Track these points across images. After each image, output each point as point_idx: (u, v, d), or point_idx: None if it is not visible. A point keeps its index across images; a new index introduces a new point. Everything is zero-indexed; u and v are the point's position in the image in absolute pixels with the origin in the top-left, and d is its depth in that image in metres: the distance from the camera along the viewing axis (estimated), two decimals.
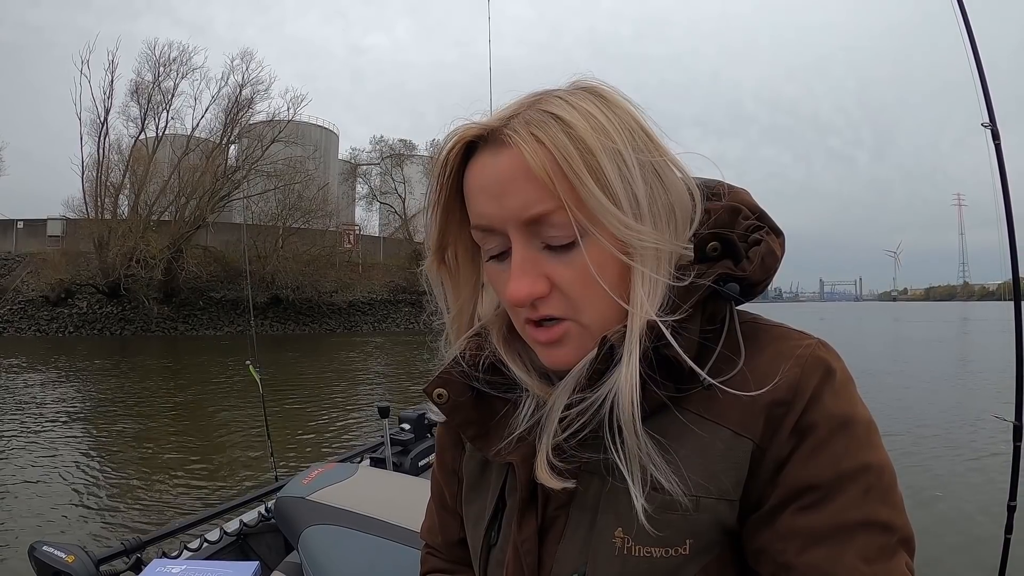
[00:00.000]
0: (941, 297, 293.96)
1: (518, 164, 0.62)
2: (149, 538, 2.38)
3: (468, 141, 0.66)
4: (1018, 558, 2.40)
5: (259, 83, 37.56)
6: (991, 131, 2.26)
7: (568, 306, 0.66)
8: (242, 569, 1.41)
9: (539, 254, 0.65)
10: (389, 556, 1.91)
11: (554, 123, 0.62)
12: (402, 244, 44.68)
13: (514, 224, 0.64)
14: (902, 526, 0.60)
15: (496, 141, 0.64)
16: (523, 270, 0.65)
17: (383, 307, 40.53)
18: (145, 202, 34.18)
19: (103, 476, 7.40)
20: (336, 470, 2.42)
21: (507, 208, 0.64)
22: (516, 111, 0.65)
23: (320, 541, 2.03)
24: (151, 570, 1.44)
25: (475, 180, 0.66)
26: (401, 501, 2.17)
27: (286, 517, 2.23)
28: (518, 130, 0.62)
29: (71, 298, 32.00)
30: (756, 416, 0.61)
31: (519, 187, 0.63)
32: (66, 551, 1.99)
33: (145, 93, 35.72)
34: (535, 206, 0.62)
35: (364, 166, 49.44)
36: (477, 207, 0.67)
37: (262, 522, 2.71)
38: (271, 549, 2.68)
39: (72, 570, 1.93)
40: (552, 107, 0.63)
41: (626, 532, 0.63)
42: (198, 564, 1.45)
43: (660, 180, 0.65)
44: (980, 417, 9.57)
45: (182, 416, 11.38)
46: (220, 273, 34.97)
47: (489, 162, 0.65)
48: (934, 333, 38.20)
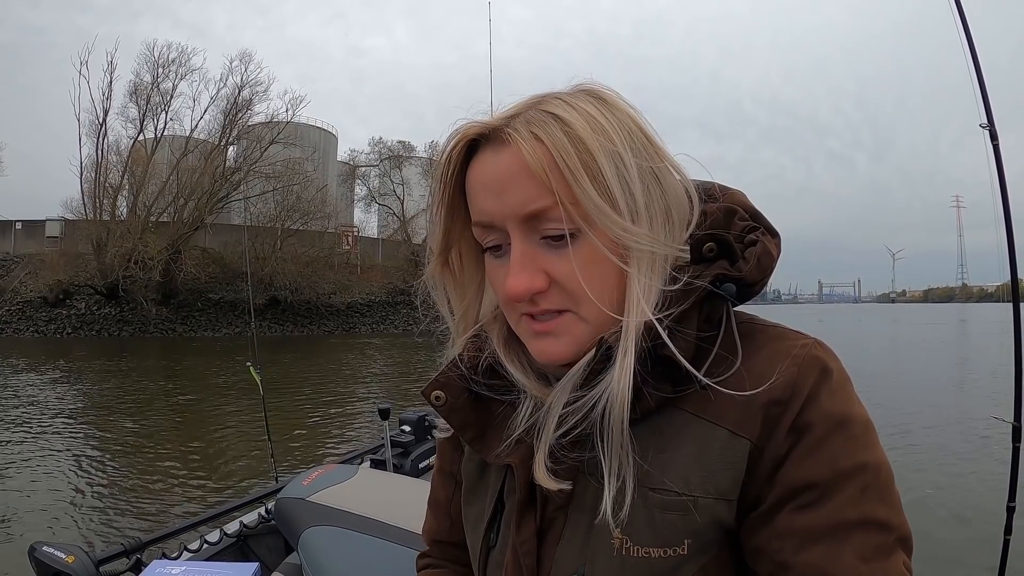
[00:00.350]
0: (940, 299, 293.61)
1: (518, 161, 0.63)
2: (149, 539, 2.38)
3: (470, 140, 0.67)
4: (1017, 559, 2.40)
5: (258, 84, 37.63)
6: (989, 132, 2.27)
7: (567, 300, 0.66)
8: (242, 570, 1.41)
9: (538, 250, 0.66)
10: (389, 558, 1.91)
11: (554, 123, 0.63)
12: (400, 246, 44.67)
13: (513, 220, 0.65)
14: (899, 525, 0.60)
15: (497, 139, 0.65)
16: (522, 265, 0.65)
17: (381, 309, 40.51)
18: (143, 203, 34.21)
19: (103, 477, 7.39)
20: (336, 471, 2.42)
21: (507, 204, 0.65)
22: (518, 111, 0.66)
23: (320, 542, 2.03)
24: (151, 571, 1.44)
25: (477, 177, 0.68)
26: (401, 503, 2.17)
27: (286, 518, 2.23)
28: (519, 129, 0.63)
29: (69, 299, 32.01)
30: (753, 416, 0.61)
31: (519, 184, 0.64)
32: (66, 551, 1.98)
33: (144, 94, 35.74)
34: (533, 202, 0.63)
35: (363, 168, 49.47)
36: (478, 203, 0.68)
37: (262, 523, 2.71)
38: (271, 550, 2.68)
39: (72, 570, 1.93)
40: (553, 107, 0.64)
41: (624, 533, 0.63)
42: (198, 565, 1.46)
43: (658, 182, 0.66)
44: (975, 418, 9.60)
45: (182, 417, 11.39)
46: (218, 274, 35.02)
47: (490, 159, 0.66)
48: (933, 335, 38.24)
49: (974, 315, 78.04)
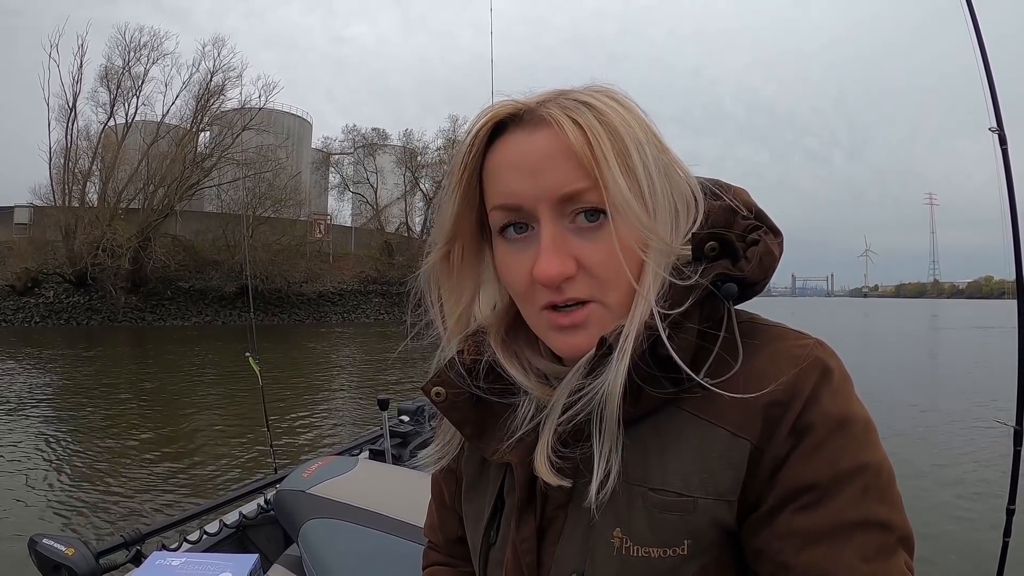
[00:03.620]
0: (911, 294, 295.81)
1: (557, 142, 0.63)
2: (149, 530, 2.39)
3: (499, 121, 0.68)
4: (1016, 562, 2.38)
5: (231, 70, 37.22)
6: (998, 136, 2.24)
7: (595, 287, 0.65)
8: (241, 561, 1.36)
9: (568, 234, 0.65)
10: (389, 550, 1.93)
11: (587, 110, 0.63)
12: (373, 234, 44.45)
13: (547, 202, 0.64)
14: (901, 525, 0.60)
15: (532, 120, 0.65)
16: (554, 247, 0.64)
17: (353, 298, 40.26)
18: (113, 190, 33.70)
19: (99, 469, 7.34)
20: (336, 463, 2.45)
21: (541, 185, 0.64)
22: (545, 99, 0.66)
23: (321, 535, 2.05)
24: (151, 562, 1.39)
25: (505, 157, 0.67)
26: (400, 495, 2.20)
27: (286, 510, 2.26)
28: (555, 111, 0.64)
29: (38, 287, 31.44)
30: (754, 417, 0.61)
31: (556, 164, 0.63)
32: (66, 544, 1.98)
33: (115, 78, 35.23)
34: (571, 183, 0.63)
35: (336, 155, 49.17)
36: (506, 184, 0.67)
37: (261, 514, 2.70)
38: (271, 541, 2.67)
39: (72, 563, 1.93)
40: (583, 98, 0.65)
41: (624, 532, 0.64)
42: (198, 556, 1.42)
43: (667, 177, 0.66)
44: (960, 419, 9.73)
45: (151, 408, 11.27)
46: (189, 263, 34.60)
47: (524, 139, 0.65)
48: (903, 327, 38.81)
49: (945, 311, 78.09)
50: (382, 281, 40.87)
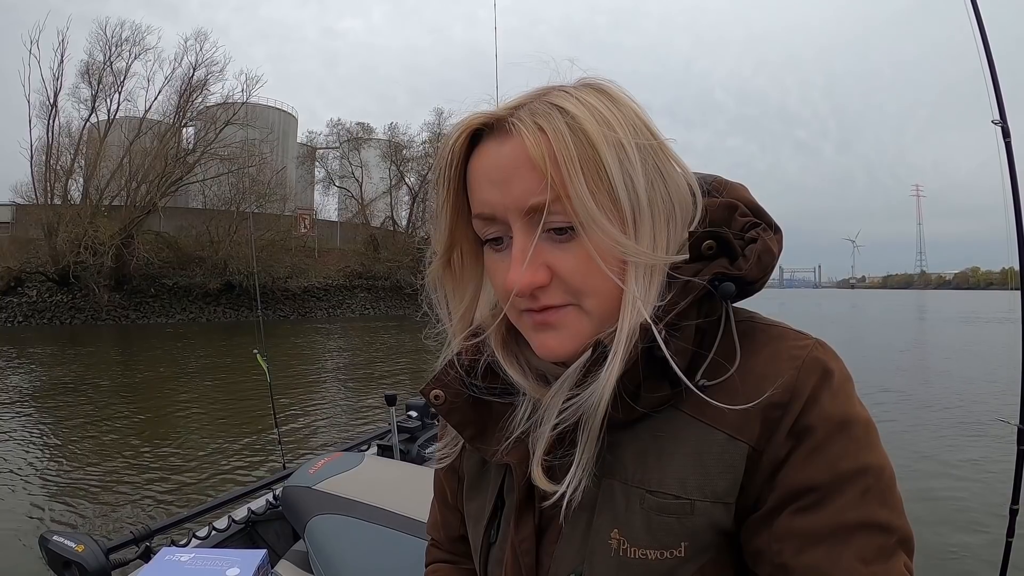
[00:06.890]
0: (898, 285, 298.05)
1: (521, 152, 0.62)
2: (158, 527, 2.40)
3: (474, 130, 0.67)
4: (1020, 561, 2.39)
5: (213, 64, 36.97)
6: (1002, 129, 2.24)
7: (570, 295, 0.65)
8: (250, 557, 1.35)
9: (541, 243, 0.64)
10: (395, 546, 1.94)
11: (558, 114, 0.62)
12: (359, 229, 44.38)
13: (515, 212, 0.63)
14: (901, 527, 0.59)
15: (501, 130, 0.64)
16: (523, 258, 0.63)
17: (338, 293, 40.23)
18: (96, 187, 33.42)
19: (111, 467, 7.28)
20: (343, 459, 2.46)
21: (509, 196, 0.63)
22: (523, 102, 0.65)
23: (326, 531, 2.07)
24: (160, 558, 1.39)
25: (479, 168, 0.66)
26: (406, 491, 2.21)
27: (293, 506, 2.28)
28: (523, 119, 0.62)
29: (20, 286, 31.09)
30: (753, 418, 0.61)
31: (522, 175, 0.62)
32: (76, 541, 2.00)
33: (96, 74, 34.87)
34: (535, 195, 0.62)
35: (321, 149, 48.97)
36: (480, 195, 0.66)
37: (270, 510, 2.72)
38: (279, 536, 2.69)
39: (82, 559, 1.94)
40: (557, 100, 0.63)
41: (622, 533, 0.64)
42: (207, 552, 1.41)
43: (662, 178, 0.65)
44: (961, 419, 9.68)
45: (136, 402, 11.23)
46: (172, 260, 34.40)
47: (494, 150, 0.65)
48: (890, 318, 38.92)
49: (931, 303, 77.97)
50: (368, 276, 40.90)
